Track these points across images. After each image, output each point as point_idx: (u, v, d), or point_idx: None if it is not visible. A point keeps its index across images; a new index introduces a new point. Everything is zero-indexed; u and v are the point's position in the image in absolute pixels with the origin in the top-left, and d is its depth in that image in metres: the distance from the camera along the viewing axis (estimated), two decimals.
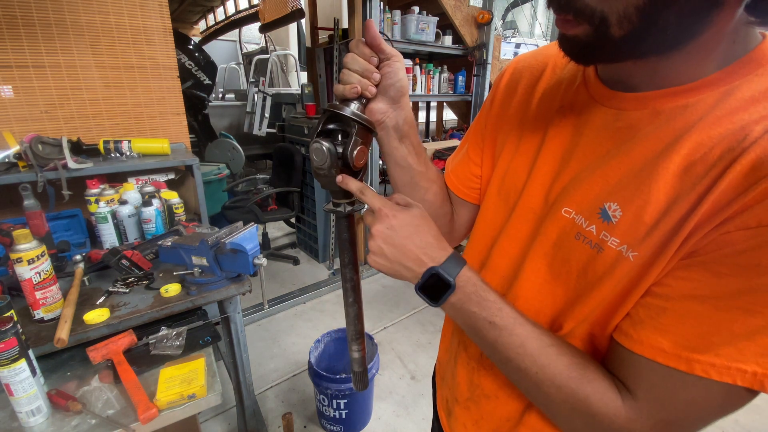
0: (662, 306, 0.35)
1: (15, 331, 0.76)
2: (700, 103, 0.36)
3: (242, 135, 4.56)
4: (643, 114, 0.39)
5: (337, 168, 0.46)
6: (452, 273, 0.43)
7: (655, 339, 0.35)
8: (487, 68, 3.02)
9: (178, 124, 1.85)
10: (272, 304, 2.47)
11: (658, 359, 0.35)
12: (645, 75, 0.39)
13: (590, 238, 0.40)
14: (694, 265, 0.34)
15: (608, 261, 0.39)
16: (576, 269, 0.42)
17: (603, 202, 0.39)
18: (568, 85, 0.48)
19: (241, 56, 5.81)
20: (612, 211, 0.39)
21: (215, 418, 1.68)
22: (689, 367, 0.33)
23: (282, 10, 2.89)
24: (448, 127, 4.44)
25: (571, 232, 0.42)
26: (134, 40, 1.66)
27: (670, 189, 0.35)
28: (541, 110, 0.49)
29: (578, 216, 0.42)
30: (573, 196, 0.42)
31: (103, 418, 0.84)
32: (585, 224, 0.41)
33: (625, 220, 0.38)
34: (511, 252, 0.50)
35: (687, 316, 0.34)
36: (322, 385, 1.48)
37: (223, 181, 3.28)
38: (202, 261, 1.11)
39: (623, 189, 0.38)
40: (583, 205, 0.41)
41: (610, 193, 0.39)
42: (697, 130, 0.35)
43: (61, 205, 1.37)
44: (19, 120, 1.50)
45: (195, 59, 3.73)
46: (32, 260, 0.90)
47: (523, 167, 0.50)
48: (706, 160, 0.34)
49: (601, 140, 0.42)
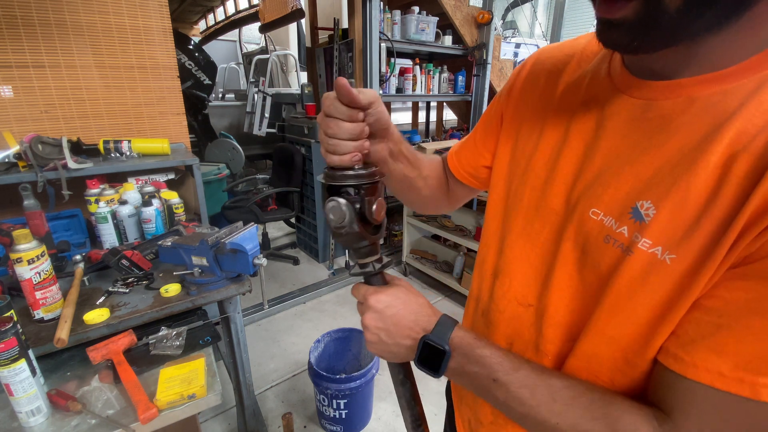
0: (717, 322, 0.31)
1: (15, 331, 0.76)
2: (740, 89, 0.32)
3: (242, 135, 4.56)
4: (677, 103, 0.35)
5: (358, 223, 0.43)
6: (444, 337, 0.43)
7: (712, 361, 0.31)
8: (487, 68, 3.02)
9: (178, 124, 1.85)
10: (272, 304, 2.47)
11: (716, 384, 0.30)
12: (679, 61, 0.35)
13: (621, 240, 0.36)
14: (751, 273, 0.30)
15: (638, 265, 0.35)
16: (607, 276, 0.38)
17: (635, 201, 0.36)
18: (592, 78, 0.44)
19: (241, 56, 5.81)
20: (645, 210, 0.35)
21: (215, 418, 1.68)
22: (754, 393, 0.29)
23: (282, 10, 2.89)
24: (448, 127, 4.44)
25: (600, 236, 0.38)
26: (134, 40, 1.66)
27: (712, 183, 0.31)
28: (563, 104, 0.46)
29: (607, 217, 0.38)
30: (601, 196, 0.39)
31: (103, 418, 0.83)
32: (615, 226, 0.37)
33: (660, 219, 0.34)
34: (531, 257, 0.47)
35: (747, 334, 0.29)
36: (322, 385, 1.48)
37: (223, 181, 3.28)
38: (202, 261, 1.11)
39: (657, 185, 0.34)
40: (613, 205, 0.38)
41: (642, 190, 0.36)
42: (739, 118, 0.31)
43: (61, 205, 1.37)
44: (19, 120, 1.50)
45: (195, 59, 3.73)
46: (32, 260, 0.90)
47: (543, 164, 0.46)
48: (752, 151, 0.30)
49: (629, 133, 0.38)
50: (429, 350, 0.43)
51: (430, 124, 4.38)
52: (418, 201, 0.67)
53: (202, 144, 4.13)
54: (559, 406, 0.37)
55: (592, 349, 0.40)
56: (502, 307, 0.51)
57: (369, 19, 2.35)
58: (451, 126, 4.50)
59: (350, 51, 2.58)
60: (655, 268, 0.34)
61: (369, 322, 0.46)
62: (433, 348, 0.43)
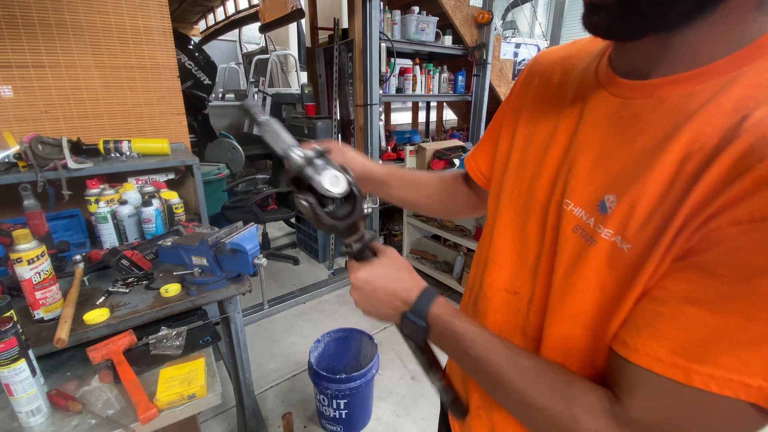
0: (658, 310, 0.33)
1: (15, 331, 0.76)
2: (705, 91, 0.34)
3: (242, 135, 4.56)
4: (648, 102, 0.37)
5: (321, 209, 0.45)
6: (423, 313, 0.46)
7: (651, 346, 0.32)
8: (487, 68, 3.02)
9: (178, 124, 1.85)
10: (272, 304, 2.47)
11: (653, 368, 0.32)
12: (656, 58, 0.37)
13: (587, 231, 0.39)
14: (690, 265, 0.31)
15: (601, 253, 0.37)
16: (565, 263, 0.41)
17: (603, 195, 0.38)
18: (582, 76, 0.46)
19: (241, 56, 5.81)
20: (609, 203, 0.37)
21: (215, 418, 1.68)
22: (687, 378, 0.30)
23: (282, 10, 2.89)
24: (448, 127, 4.44)
25: (570, 225, 0.41)
26: (134, 40, 1.66)
27: (666, 179, 0.33)
28: (556, 101, 0.49)
29: (578, 208, 0.40)
30: (575, 188, 0.41)
31: (103, 418, 0.84)
32: (585, 217, 0.39)
33: (620, 211, 0.36)
34: (519, 246, 0.49)
35: (683, 322, 0.31)
36: (322, 385, 1.48)
37: (223, 181, 3.28)
38: (202, 261, 1.11)
39: (622, 180, 0.37)
40: (584, 198, 0.40)
41: (610, 185, 0.38)
42: (698, 119, 0.33)
43: (61, 205, 1.37)
44: (19, 120, 1.50)
45: (195, 59, 3.73)
46: (32, 260, 0.90)
47: (533, 158, 0.49)
48: (704, 150, 0.31)
49: (605, 130, 0.40)
50: (411, 324, 0.47)
51: (430, 124, 4.37)
52: (437, 214, 0.73)
53: (202, 144, 4.13)
54: (522, 384, 0.40)
55: (561, 331, 0.42)
56: (490, 295, 0.53)
57: (369, 19, 2.35)
58: (451, 126, 4.50)
59: (350, 51, 2.58)
60: (615, 257, 0.36)
61: (354, 297, 0.51)
62: (414, 322, 0.47)
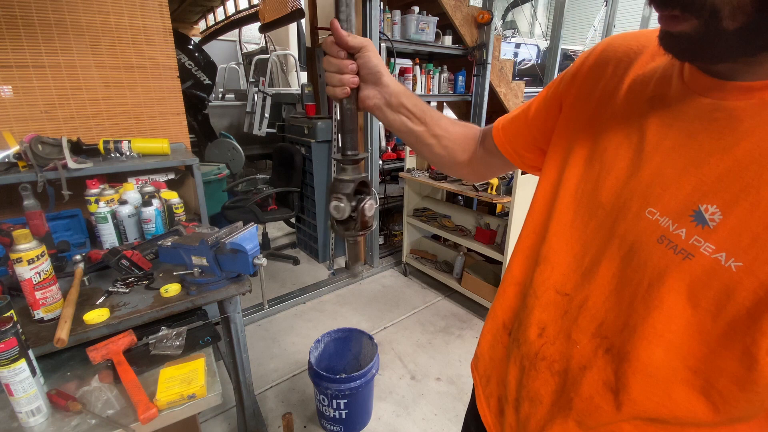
0: None
1: (15, 331, 0.76)
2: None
3: (242, 135, 4.56)
4: (749, 105, 0.34)
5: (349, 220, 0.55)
6: None
7: None
8: (487, 68, 3.02)
9: (178, 124, 1.85)
10: (272, 304, 2.47)
11: None
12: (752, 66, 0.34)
13: (676, 242, 0.36)
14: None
15: (699, 269, 0.34)
16: (649, 277, 0.38)
17: (697, 203, 0.35)
18: (662, 75, 0.43)
19: (241, 56, 5.81)
20: (709, 214, 0.34)
21: (215, 418, 1.68)
22: None
23: (282, 10, 2.90)
24: None
25: (653, 236, 0.38)
26: (134, 40, 1.66)
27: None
28: (629, 98, 0.45)
29: (664, 218, 0.37)
30: (660, 196, 0.38)
31: (103, 418, 0.84)
32: (673, 227, 0.36)
33: (726, 225, 0.33)
34: (576, 248, 0.47)
35: None
36: (322, 385, 1.48)
37: (223, 181, 3.28)
38: (202, 261, 1.11)
39: (724, 189, 0.34)
40: (672, 206, 0.37)
41: (706, 193, 0.35)
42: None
43: (61, 205, 1.37)
44: (19, 120, 1.50)
45: (195, 59, 3.73)
46: (32, 260, 0.90)
47: (601, 157, 0.45)
48: None
49: (694, 133, 0.37)
50: None
51: None
52: (432, 158, 0.68)
53: (202, 144, 4.13)
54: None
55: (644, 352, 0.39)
56: (540, 293, 0.51)
57: (369, 19, 2.35)
58: None
59: None
60: (717, 274, 0.33)
61: None
62: None
